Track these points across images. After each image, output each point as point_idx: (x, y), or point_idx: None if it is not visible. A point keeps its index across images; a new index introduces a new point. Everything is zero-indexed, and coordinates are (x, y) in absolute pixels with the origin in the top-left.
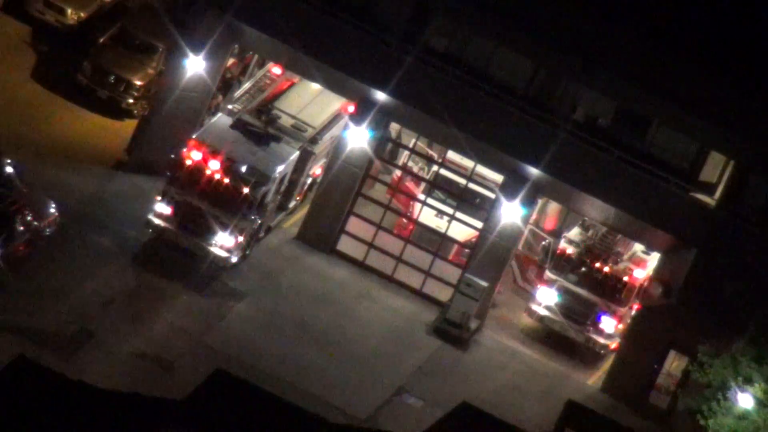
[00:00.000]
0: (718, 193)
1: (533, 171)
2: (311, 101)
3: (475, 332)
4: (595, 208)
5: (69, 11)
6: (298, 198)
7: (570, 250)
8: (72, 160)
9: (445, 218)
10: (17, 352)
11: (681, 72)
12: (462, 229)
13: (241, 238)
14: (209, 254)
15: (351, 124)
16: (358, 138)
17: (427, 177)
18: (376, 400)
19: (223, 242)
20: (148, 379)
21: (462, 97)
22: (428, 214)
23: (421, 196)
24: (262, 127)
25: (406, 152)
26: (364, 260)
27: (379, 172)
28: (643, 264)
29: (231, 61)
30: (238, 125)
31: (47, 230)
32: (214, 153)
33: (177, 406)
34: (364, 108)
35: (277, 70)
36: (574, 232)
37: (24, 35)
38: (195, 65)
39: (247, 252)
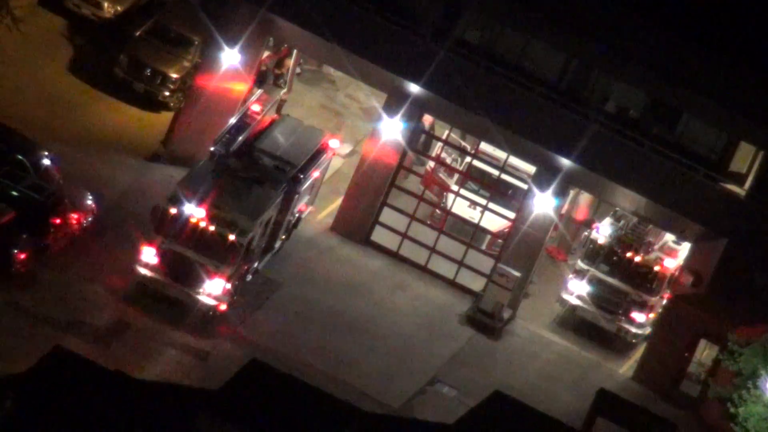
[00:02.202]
0: (747, 184)
1: (565, 162)
2: (292, 138)
3: (508, 322)
4: (626, 199)
5: (105, 5)
6: (283, 237)
7: (602, 240)
8: (109, 152)
9: (478, 209)
10: (54, 343)
11: (710, 64)
12: (495, 220)
13: (228, 285)
14: (197, 302)
15: (385, 117)
16: (392, 130)
17: (460, 168)
18: (409, 389)
19: (211, 290)
20: (184, 369)
21: (494, 89)
22: (461, 205)
23: (455, 187)
24: (244, 170)
25: (440, 144)
26: (398, 251)
27: (413, 163)
28: (674, 254)
29: (266, 53)
30: (222, 170)
31: (84, 222)
32: (199, 201)
33: (212, 395)
34: (397, 100)
35: (256, 107)
36: (606, 223)
37: (61, 29)
38: (230, 58)
39: (235, 297)
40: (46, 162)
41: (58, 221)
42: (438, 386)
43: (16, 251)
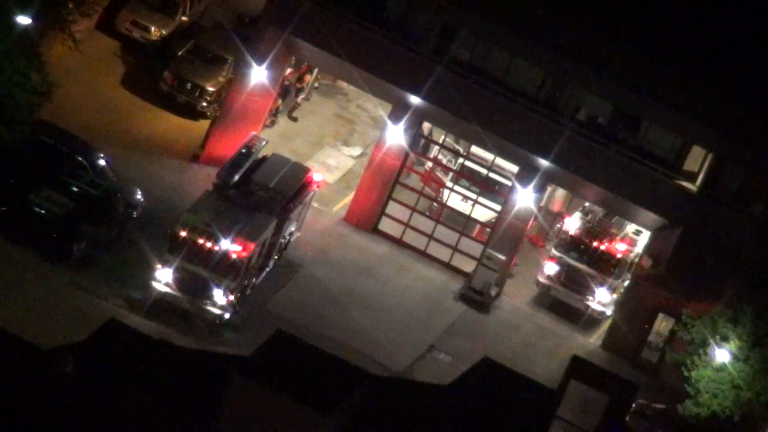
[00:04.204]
0: (699, 180)
1: (543, 162)
2: (282, 173)
3: (495, 298)
4: (596, 193)
5: (153, 29)
6: (276, 257)
7: (572, 231)
8: (155, 154)
9: (470, 202)
10: (108, 317)
11: (667, 77)
12: (484, 212)
13: (232, 297)
14: (205, 312)
15: (390, 124)
16: (396, 135)
17: (454, 168)
18: (411, 356)
19: (217, 301)
20: (220, 339)
21: (483, 100)
22: (455, 199)
23: (449, 184)
24: (243, 200)
25: (437, 147)
26: (401, 238)
27: (414, 163)
28: (634, 243)
29: (289, 70)
30: (224, 199)
31: (134, 213)
32: (205, 225)
33: (244, 361)
34: (401, 110)
35: (251, 146)
36: (575, 217)
37: (114, 49)
38: (258, 74)
39: (237, 308)
40: (102, 162)
41: (111, 213)
42: (435, 353)
43: (76, 238)
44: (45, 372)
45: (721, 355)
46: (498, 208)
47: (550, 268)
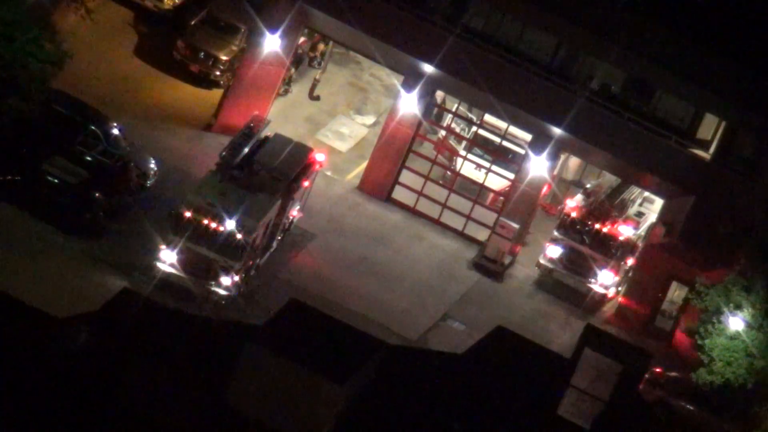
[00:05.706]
0: (712, 149)
1: (557, 130)
2: (284, 154)
3: (508, 267)
4: (609, 162)
5: None
6: (279, 238)
7: (574, 213)
8: (168, 123)
9: (483, 171)
10: (122, 286)
11: (680, 46)
12: (497, 180)
13: (237, 278)
14: (210, 293)
15: (403, 92)
16: (409, 104)
17: (468, 136)
18: (425, 324)
19: (223, 282)
20: (234, 308)
21: (496, 69)
22: (469, 168)
23: (463, 152)
24: (247, 180)
25: (450, 115)
26: (414, 206)
27: (427, 132)
28: (635, 224)
29: (302, 39)
30: (228, 180)
31: (148, 182)
32: (209, 205)
33: (258, 329)
34: (413, 78)
35: (253, 127)
36: (578, 198)
37: (128, 19)
38: (271, 43)
39: (242, 289)
40: (115, 131)
41: (125, 182)
42: (449, 322)
43: (89, 208)
44: (60, 341)
45: (735, 323)
46: (511, 176)
47: (552, 250)
